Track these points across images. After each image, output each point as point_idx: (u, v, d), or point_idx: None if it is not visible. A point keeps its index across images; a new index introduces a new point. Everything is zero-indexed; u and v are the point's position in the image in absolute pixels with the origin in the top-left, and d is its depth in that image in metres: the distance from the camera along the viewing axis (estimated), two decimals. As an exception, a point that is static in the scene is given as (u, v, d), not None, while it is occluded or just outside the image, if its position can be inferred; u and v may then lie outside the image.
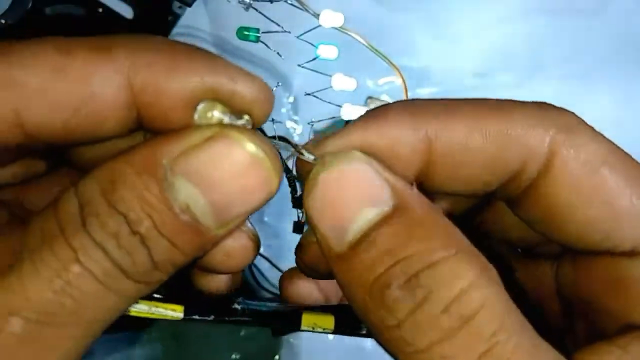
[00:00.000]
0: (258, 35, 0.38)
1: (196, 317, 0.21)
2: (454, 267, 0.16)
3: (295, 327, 0.22)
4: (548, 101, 0.52)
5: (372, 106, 0.44)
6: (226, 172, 0.16)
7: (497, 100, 0.19)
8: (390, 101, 0.45)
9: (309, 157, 0.18)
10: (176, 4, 0.43)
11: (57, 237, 0.15)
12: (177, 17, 0.43)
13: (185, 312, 0.21)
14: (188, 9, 0.43)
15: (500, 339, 0.15)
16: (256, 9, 0.37)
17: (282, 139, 0.43)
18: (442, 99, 0.19)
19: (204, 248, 0.17)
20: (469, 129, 0.17)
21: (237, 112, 0.17)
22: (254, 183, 0.16)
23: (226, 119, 0.16)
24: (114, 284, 0.15)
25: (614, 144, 0.18)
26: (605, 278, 0.19)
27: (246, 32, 0.38)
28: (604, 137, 0.18)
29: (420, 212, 0.16)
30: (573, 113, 0.19)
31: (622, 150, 0.18)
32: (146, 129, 0.17)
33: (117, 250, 0.15)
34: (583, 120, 0.19)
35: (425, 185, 0.19)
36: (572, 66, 0.47)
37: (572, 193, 0.18)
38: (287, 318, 0.22)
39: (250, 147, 0.16)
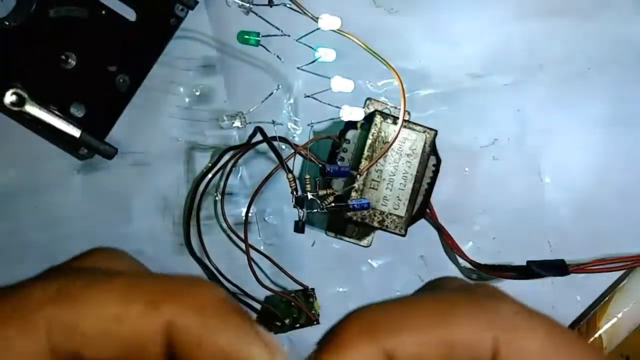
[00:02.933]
0: (258, 39, 0.39)
1: None
2: None
3: None
4: (544, 102, 0.53)
5: (372, 107, 0.45)
6: None
7: (445, 298, 0.19)
8: (389, 103, 0.45)
9: None
10: (178, 7, 0.43)
11: None
12: (179, 19, 0.44)
13: None
14: (190, 12, 0.44)
15: None
16: (256, 13, 0.38)
17: (283, 139, 0.44)
18: (390, 302, 0.19)
19: None
20: (420, 343, 0.17)
21: None
22: None
23: None
24: None
25: (551, 321, 0.18)
26: None
27: (246, 36, 0.39)
28: (540, 318, 0.18)
29: None
30: (511, 299, 0.19)
31: (560, 328, 0.18)
32: None
33: None
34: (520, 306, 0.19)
35: None
36: (567, 68, 0.48)
37: None
38: None
39: None
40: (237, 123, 0.44)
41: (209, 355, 0.16)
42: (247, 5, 0.37)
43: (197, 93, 0.46)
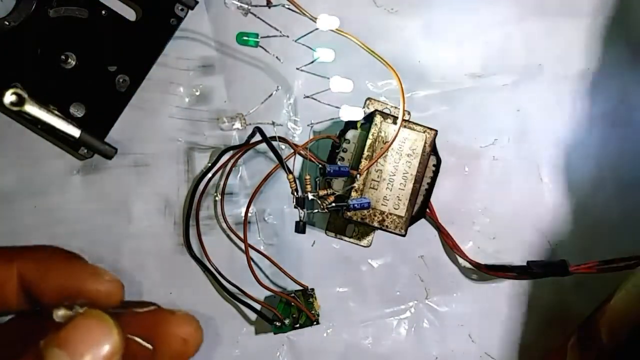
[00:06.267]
0: (257, 40, 0.39)
1: None
2: None
3: None
4: (544, 102, 0.53)
5: (371, 107, 0.45)
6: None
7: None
8: (389, 103, 0.45)
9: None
10: (178, 7, 0.44)
11: None
12: (179, 19, 0.44)
13: None
14: (190, 12, 0.44)
15: None
16: (255, 14, 0.38)
17: (282, 139, 0.44)
18: None
19: None
20: None
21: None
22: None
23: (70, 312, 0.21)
24: None
25: None
26: None
27: (245, 37, 0.39)
28: None
29: None
30: None
31: None
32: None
33: None
34: None
35: None
36: (567, 68, 0.48)
37: None
38: None
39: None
40: (237, 124, 0.44)
41: (49, 289, 0.22)
42: (246, 6, 0.37)
43: (197, 93, 0.46)
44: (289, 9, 0.37)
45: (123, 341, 0.21)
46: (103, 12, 0.43)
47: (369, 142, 0.41)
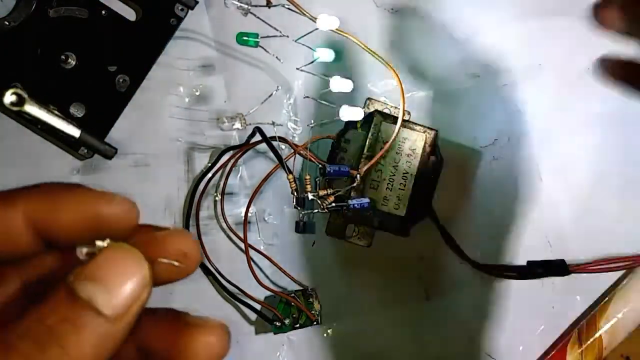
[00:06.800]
0: (257, 40, 0.39)
1: None
2: None
3: None
4: (544, 102, 0.53)
5: (371, 107, 0.45)
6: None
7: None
8: (389, 103, 0.45)
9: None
10: (178, 7, 0.44)
11: None
12: (179, 19, 0.44)
13: None
14: (190, 12, 0.44)
15: None
16: (255, 15, 0.38)
17: (282, 139, 0.44)
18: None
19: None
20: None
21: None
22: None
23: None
24: None
25: None
26: None
27: (245, 38, 0.39)
28: None
29: None
30: None
31: None
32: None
33: None
34: None
35: None
36: (567, 68, 0.48)
37: None
38: None
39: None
40: (237, 124, 0.44)
41: (63, 221, 0.20)
42: (246, 6, 0.37)
43: (197, 93, 0.46)
44: (289, 9, 0.37)
45: (151, 271, 0.20)
46: (103, 12, 0.43)
47: (369, 142, 0.41)
